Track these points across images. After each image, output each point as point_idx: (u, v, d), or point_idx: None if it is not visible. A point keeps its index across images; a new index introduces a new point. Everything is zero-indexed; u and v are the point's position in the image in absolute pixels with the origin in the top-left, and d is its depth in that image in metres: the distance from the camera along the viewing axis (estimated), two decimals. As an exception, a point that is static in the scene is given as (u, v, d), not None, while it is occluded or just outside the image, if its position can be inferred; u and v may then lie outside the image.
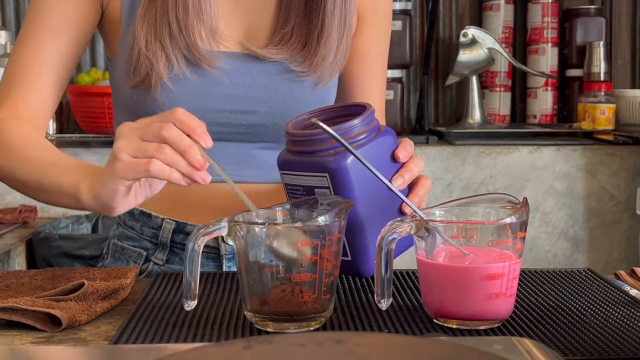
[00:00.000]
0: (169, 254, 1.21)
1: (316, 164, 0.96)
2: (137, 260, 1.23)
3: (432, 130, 2.74)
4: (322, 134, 0.95)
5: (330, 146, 0.95)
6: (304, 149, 0.97)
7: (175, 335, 0.83)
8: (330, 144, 0.95)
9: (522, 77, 3.00)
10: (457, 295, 0.84)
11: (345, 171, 0.95)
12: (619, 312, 0.90)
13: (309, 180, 0.97)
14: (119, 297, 0.98)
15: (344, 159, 0.95)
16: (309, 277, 0.83)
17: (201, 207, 1.20)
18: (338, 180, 0.95)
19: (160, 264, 1.21)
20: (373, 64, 1.28)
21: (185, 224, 1.20)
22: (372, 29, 1.27)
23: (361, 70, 1.28)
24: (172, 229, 1.20)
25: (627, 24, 2.99)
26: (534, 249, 2.47)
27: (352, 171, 0.95)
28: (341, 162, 0.95)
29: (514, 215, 0.84)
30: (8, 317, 0.88)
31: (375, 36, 1.27)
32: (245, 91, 1.17)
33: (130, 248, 1.24)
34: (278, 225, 0.87)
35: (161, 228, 1.21)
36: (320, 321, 0.86)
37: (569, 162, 2.48)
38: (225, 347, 0.52)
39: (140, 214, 1.23)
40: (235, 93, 1.17)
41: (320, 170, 0.95)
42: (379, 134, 0.99)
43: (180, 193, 1.17)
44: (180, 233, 1.20)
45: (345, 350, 0.51)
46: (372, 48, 1.28)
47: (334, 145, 0.95)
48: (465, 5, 3.02)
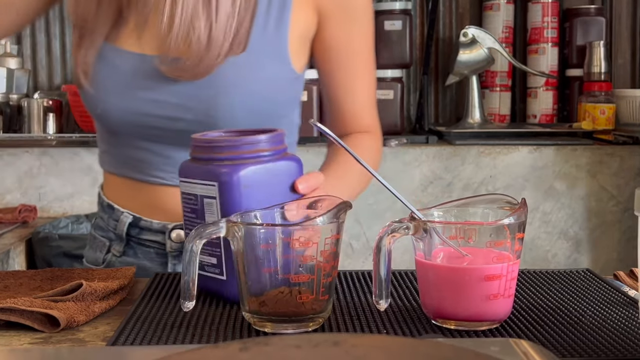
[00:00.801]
0: (126, 246, 1.25)
1: (208, 172, 0.94)
2: (102, 250, 1.28)
3: (432, 130, 2.74)
4: (221, 142, 0.94)
5: (227, 156, 0.94)
6: (201, 155, 0.96)
7: (174, 336, 0.83)
8: (227, 154, 0.94)
9: (522, 76, 3.00)
10: (456, 296, 0.84)
11: (236, 183, 0.93)
12: (617, 313, 0.90)
13: (200, 189, 0.95)
14: (118, 298, 0.98)
15: (236, 170, 0.93)
16: (307, 278, 0.83)
17: (156, 207, 1.23)
18: (226, 191, 0.93)
19: (118, 256, 1.26)
20: (349, 60, 1.25)
21: (140, 218, 1.23)
22: (341, 24, 1.23)
23: (335, 67, 1.25)
24: (128, 222, 1.24)
25: (627, 24, 2.99)
26: (534, 249, 2.47)
27: (242, 184, 0.93)
28: (233, 173, 0.93)
29: (513, 216, 0.84)
30: (6, 318, 0.88)
31: (346, 31, 1.24)
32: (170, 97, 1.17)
33: (99, 237, 1.29)
34: (276, 226, 0.87)
35: (119, 220, 1.25)
36: (319, 322, 0.86)
37: (569, 162, 2.48)
38: (222, 349, 0.51)
39: (107, 206, 1.27)
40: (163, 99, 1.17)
41: (211, 178, 0.94)
42: (284, 157, 0.97)
43: (138, 191, 1.23)
44: (135, 227, 1.24)
45: (342, 351, 0.51)
46: (344, 43, 1.24)
47: (231, 156, 0.93)
48: (465, 5, 3.02)
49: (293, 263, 0.83)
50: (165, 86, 1.16)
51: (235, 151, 0.94)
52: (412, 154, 2.48)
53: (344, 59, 1.25)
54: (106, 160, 1.28)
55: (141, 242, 1.24)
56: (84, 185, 2.47)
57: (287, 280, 0.83)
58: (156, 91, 1.16)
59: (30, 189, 2.45)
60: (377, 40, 2.95)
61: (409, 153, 2.48)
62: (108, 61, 1.18)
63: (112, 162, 1.26)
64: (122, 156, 1.24)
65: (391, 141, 2.50)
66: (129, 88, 1.17)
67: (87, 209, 2.44)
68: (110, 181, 1.28)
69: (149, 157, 1.21)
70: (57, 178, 2.48)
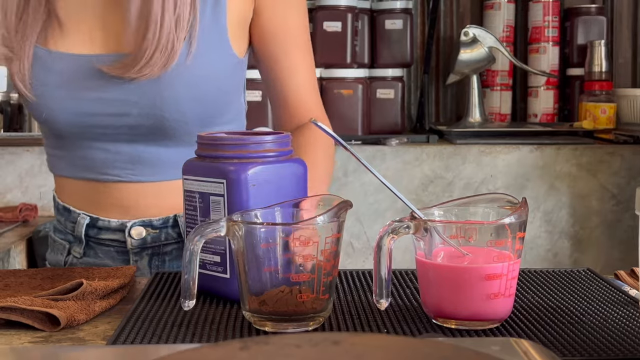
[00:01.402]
0: (86, 247, 1.25)
1: (216, 169, 0.95)
2: (62, 252, 1.28)
3: (433, 129, 2.74)
4: (228, 140, 0.95)
5: (234, 154, 0.94)
6: (208, 153, 0.96)
7: (174, 335, 0.83)
8: (234, 152, 0.94)
9: (523, 76, 3.00)
10: (456, 295, 0.84)
11: (244, 181, 0.93)
12: (618, 313, 0.90)
13: (206, 186, 0.95)
14: (118, 297, 0.98)
15: (244, 168, 0.93)
16: (308, 277, 0.83)
17: (113, 205, 1.23)
18: (234, 189, 0.93)
19: (78, 257, 1.26)
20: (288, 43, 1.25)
21: (97, 218, 1.24)
22: (276, 8, 1.23)
23: (274, 51, 1.25)
24: (85, 223, 1.24)
25: (628, 23, 2.99)
26: (535, 248, 2.47)
27: (250, 182, 0.93)
28: (241, 171, 0.93)
29: (513, 215, 0.84)
30: (7, 317, 0.88)
31: (282, 14, 1.24)
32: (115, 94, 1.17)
33: (58, 240, 1.29)
34: (276, 225, 0.87)
35: (76, 222, 1.25)
36: (319, 321, 0.86)
37: (570, 162, 2.47)
38: (222, 348, 0.51)
39: (63, 209, 1.27)
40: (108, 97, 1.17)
41: (218, 176, 0.94)
42: (290, 159, 0.98)
43: (93, 191, 1.23)
44: (94, 227, 1.24)
45: (342, 350, 0.51)
46: (282, 27, 1.24)
47: (239, 155, 0.94)
48: (466, 4, 3.01)
49: (293, 262, 0.83)
50: (108, 84, 1.16)
51: (242, 150, 0.95)
52: (413, 153, 2.48)
53: (283, 42, 1.25)
54: (56, 165, 1.27)
55: (100, 241, 1.24)
56: (84, 184, 2.47)
57: (287, 280, 0.83)
58: (99, 90, 1.16)
59: (31, 188, 2.45)
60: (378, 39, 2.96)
61: (409, 152, 2.48)
62: (45, 66, 1.18)
63: (63, 166, 1.25)
64: (73, 158, 1.23)
65: (392, 140, 2.50)
66: (70, 90, 1.17)
67: (88, 208, 2.44)
68: (63, 184, 1.27)
69: (101, 155, 1.21)
70: (57, 177, 2.48)
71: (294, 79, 1.26)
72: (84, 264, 1.25)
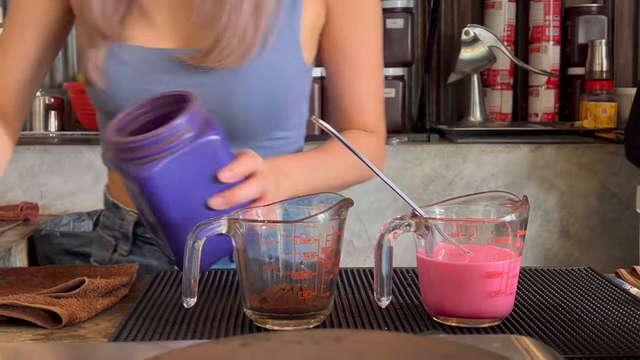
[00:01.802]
0: (132, 245, 1.25)
1: (130, 172, 0.94)
2: (108, 249, 1.27)
3: (434, 129, 2.74)
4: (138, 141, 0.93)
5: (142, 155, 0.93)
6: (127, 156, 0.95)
7: (175, 333, 0.83)
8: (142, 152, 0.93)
9: (524, 75, 3.00)
10: (457, 293, 0.84)
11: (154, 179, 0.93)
12: (619, 311, 0.90)
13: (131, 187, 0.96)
14: (119, 295, 0.98)
15: (150, 168, 0.93)
16: (309, 275, 0.83)
17: None
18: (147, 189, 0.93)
19: (124, 255, 1.25)
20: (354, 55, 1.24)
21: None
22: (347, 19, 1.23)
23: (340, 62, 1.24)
24: (133, 221, 1.24)
25: (629, 22, 2.99)
26: (535, 247, 2.47)
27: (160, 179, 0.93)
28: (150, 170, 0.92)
29: (514, 213, 0.84)
30: (8, 314, 0.88)
31: (351, 26, 1.23)
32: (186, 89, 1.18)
33: (105, 236, 1.29)
34: (277, 223, 0.87)
35: (124, 220, 1.25)
36: (320, 319, 0.86)
37: (571, 161, 2.48)
38: (223, 345, 0.52)
39: (112, 205, 1.27)
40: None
41: (133, 178, 0.94)
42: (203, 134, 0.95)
43: None
44: (141, 226, 1.23)
45: (343, 347, 0.51)
46: (350, 38, 1.23)
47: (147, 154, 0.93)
48: (467, 3, 3.01)
49: (294, 260, 0.83)
50: (181, 79, 1.15)
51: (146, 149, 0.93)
52: (414, 152, 2.48)
53: (349, 54, 1.24)
54: None
55: (147, 240, 1.24)
56: (85, 183, 2.47)
57: (288, 277, 0.83)
58: (171, 85, 1.15)
59: (32, 187, 2.45)
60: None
61: (410, 151, 2.48)
62: (119, 58, 1.17)
63: None
64: None
65: (393, 139, 2.50)
66: (140, 83, 1.16)
67: (89, 207, 2.44)
68: (115, 180, 1.27)
69: None
70: (58, 176, 2.48)
71: (356, 91, 1.25)
72: (129, 262, 1.23)
